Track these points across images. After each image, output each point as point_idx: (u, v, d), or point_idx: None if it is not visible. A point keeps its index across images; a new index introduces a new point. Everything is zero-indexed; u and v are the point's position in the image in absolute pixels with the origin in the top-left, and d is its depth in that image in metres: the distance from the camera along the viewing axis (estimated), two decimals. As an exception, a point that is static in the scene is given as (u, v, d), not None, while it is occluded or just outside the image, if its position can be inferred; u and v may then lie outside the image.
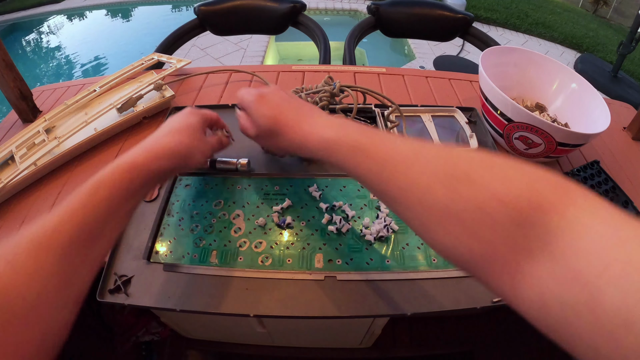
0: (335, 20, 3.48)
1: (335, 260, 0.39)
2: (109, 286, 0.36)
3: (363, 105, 0.55)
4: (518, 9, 3.61)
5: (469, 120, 0.56)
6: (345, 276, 0.37)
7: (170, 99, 0.57)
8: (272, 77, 0.66)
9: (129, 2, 3.87)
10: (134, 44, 3.22)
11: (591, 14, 4.04)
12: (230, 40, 2.82)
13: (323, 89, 0.51)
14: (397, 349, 0.74)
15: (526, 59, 0.59)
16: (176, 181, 0.46)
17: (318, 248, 0.39)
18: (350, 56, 0.97)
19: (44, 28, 3.57)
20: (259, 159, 0.49)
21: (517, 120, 0.47)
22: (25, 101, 0.57)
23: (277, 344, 0.72)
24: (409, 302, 0.36)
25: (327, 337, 0.70)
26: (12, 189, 0.46)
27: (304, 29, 1.07)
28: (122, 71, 0.62)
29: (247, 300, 0.35)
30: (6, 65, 0.53)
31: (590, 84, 0.54)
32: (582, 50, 3.08)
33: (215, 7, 1.05)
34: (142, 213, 0.42)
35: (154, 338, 0.72)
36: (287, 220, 0.41)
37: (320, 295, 0.36)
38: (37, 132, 0.51)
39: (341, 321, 0.57)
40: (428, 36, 1.13)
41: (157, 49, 0.95)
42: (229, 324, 0.62)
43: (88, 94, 0.57)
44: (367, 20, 1.08)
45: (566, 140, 0.45)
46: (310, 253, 0.39)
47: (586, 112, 0.53)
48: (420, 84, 0.67)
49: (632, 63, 2.85)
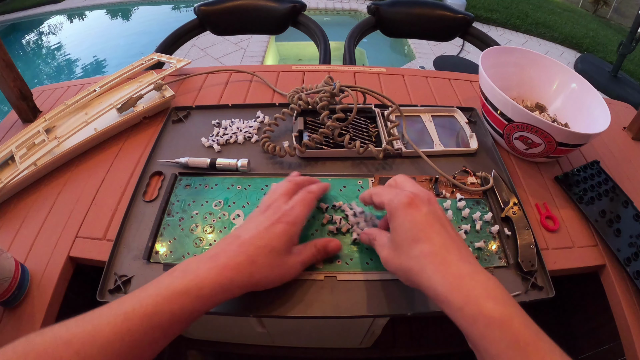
0: (335, 20, 3.48)
1: (335, 260, 0.39)
2: (108, 286, 0.36)
3: (363, 105, 0.55)
4: (518, 9, 3.61)
5: (469, 120, 0.56)
6: (345, 276, 0.37)
7: (170, 99, 0.57)
8: (272, 77, 0.66)
9: (129, 2, 3.87)
10: (134, 44, 3.22)
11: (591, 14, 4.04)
12: (230, 40, 2.82)
13: (323, 89, 0.51)
14: (397, 349, 0.74)
15: (526, 59, 0.59)
16: (176, 181, 0.46)
17: (318, 248, 0.39)
18: (350, 56, 0.97)
19: (44, 28, 3.57)
20: (259, 159, 0.49)
21: (517, 120, 0.47)
22: (25, 101, 0.57)
23: (277, 344, 0.72)
24: (409, 302, 0.36)
25: (327, 337, 0.70)
26: (12, 189, 0.46)
27: (304, 29, 1.07)
28: (122, 71, 0.62)
29: (247, 300, 0.35)
30: (6, 65, 0.53)
31: (590, 84, 0.54)
32: (582, 50, 3.08)
33: (215, 7, 1.05)
34: (142, 213, 0.42)
35: (154, 338, 0.71)
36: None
37: (320, 295, 0.36)
38: (37, 132, 0.51)
39: (341, 321, 0.57)
40: (428, 36, 1.13)
41: (157, 49, 0.95)
42: (229, 324, 0.62)
43: (88, 94, 0.57)
44: (367, 20, 1.08)
45: (566, 140, 0.45)
46: (310, 253, 0.39)
47: (586, 112, 0.53)
48: (420, 84, 0.67)
49: (632, 63, 2.85)
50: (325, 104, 0.49)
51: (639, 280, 0.39)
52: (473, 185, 0.46)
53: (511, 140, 0.50)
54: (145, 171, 0.47)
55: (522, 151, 0.50)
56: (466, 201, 0.45)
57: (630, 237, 0.43)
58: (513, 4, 3.67)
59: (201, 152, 0.50)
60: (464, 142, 0.52)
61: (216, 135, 0.52)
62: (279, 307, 0.35)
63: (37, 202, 0.46)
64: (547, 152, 0.48)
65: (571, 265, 0.42)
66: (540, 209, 0.46)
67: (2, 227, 0.43)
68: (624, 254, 0.42)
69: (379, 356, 0.74)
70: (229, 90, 0.63)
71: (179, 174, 0.47)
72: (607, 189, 0.49)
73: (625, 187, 0.50)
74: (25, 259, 0.40)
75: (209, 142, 0.50)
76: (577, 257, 0.42)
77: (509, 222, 0.43)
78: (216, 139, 0.51)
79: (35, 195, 0.46)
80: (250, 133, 0.52)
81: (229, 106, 0.57)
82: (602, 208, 0.46)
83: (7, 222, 0.44)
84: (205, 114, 0.56)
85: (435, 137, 0.53)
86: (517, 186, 0.49)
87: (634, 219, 0.45)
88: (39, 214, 0.44)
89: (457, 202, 0.44)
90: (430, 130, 0.54)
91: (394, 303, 0.36)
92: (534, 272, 0.38)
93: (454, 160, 0.50)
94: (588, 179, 0.50)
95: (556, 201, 0.48)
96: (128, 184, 0.47)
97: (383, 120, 0.53)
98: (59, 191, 0.47)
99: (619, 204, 0.47)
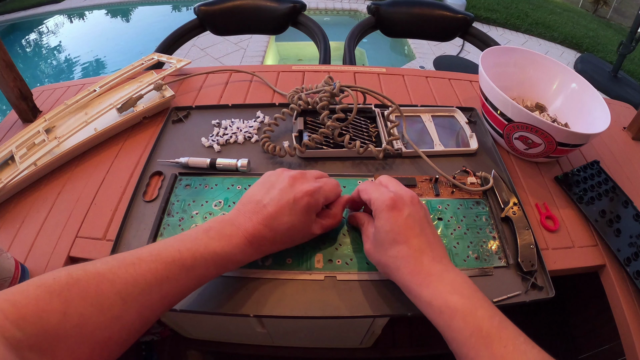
0: (335, 20, 3.48)
1: (335, 260, 0.39)
2: (109, 286, 0.36)
3: (363, 105, 0.55)
4: (518, 9, 3.60)
5: (469, 120, 0.56)
6: (345, 276, 0.37)
7: (170, 99, 0.57)
8: (272, 77, 0.66)
9: (129, 2, 3.87)
10: (134, 44, 3.22)
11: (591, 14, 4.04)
12: (230, 40, 2.82)
13: (323, 89, 0.51)
14: (397, 349, 0.74)
15: (526, 59, 0.59)
16: (176, 181, 0.46)
17: (318, 248, 0.39)
18: (350, 56, 0.97)
19: (44, 28, 3.56)
20: (259, 159, 0.49)
21: (517, 120, 0.47)
22: (25, 101, 0.57)
23: (277, 344, 0.72)
24: (409, 302, 0.36)
25: (327, 337, 0.70)
26: (12, 189, 0.46)
27: (304, 29, 1.07)
28: (122, 71, 0.62)
29: (247, 300, 0.35)
30: (6, 65, 0.53)
31: (590, 84, 0.54)
32: (582, 50, 3.08)
33: (215, 7, 1.05)
34: (142, 213, 0.42)
35: (154, 338, 0.72)
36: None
37: (320, 295, 0.36)
38: (37, 132, 0.51)
39: (341, 321, 0.57)
40: (428, 36, 1.13)
41: (157, 49, 0.95)
42: (229, 324, 0.62)
43: (88, 94, 0.57)
44: (367, 20, 1.08)
45: (566, 140, 0.45)
46: (310, 253, 0.39)
47: (586, 112, 0.53)
48: (420, 84, 0.67)
49: (632, 63, 2.85)
50: (325, 104, 0.49)
51: (639, 280, 0.39)
52: (473, 185, 0.46)
53: (511, 140, 0.50)
54: (145, 171, 0.47)
55: (522, 151, 0.50)
56: (466, 201, 0.45)
57: (630, 237, 0.43)
58: (513, 4, 3.67)
59: (201, 152, 0.50)
60: (464, 142, 0.52)
61: (216, 135, 0.52)
62: (279, 307, 0.35)
63: (37, 202, 0.46)
64: (547, 152, 0.48)
65: (571, 265, 0.42)
66: (540, 209, 0.46)
67: (2, 227, 0.43)
68: (624, 254, 0.42)
69: (379, 356, 0.74)
70: (229, 90, 0.63)
71: (179, 174, 0.46)
72: (607, 189, 0.49)
73: (625, 187, 0.50)
74: (25, 259, 0.40)
75: (209, 142, 0.50)
76: (577, 257, 0.42)
77: (509, 222, 0.43)
78: (216, 139, 0.51)
79: (35, 195, 0.46)
80: (250, 133, 0.52)
81: (229, 106, 0.57)
82: (602, 208, 0.46)
83: (7, 222, 0.44)
84: (205, 114, 0.56)
85: (435, 137, 0.53)
86: (517, 186, 0.49)
87: (634, 219, 0.45)
88: (39, 214, 0.44)
89: (457, 203, 0.44)
90: (430, 130, 0.54)
91: (394, 303, 0.36)
92: (534, 272, 0.38)
93: (454, 160, 0.50)
94: (588, 179, 0.50)
95: (556, 201, 0.48)
96: (128, 184, 0.47)
97: (383, 120, 0.53)
98: (59, 191, 0.47)
99: (619, 204, 0.47)
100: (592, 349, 0.51)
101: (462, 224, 0.42)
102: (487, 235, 0.42)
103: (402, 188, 0.35)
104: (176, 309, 0.35)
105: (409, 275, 0.31)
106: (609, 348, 0.47)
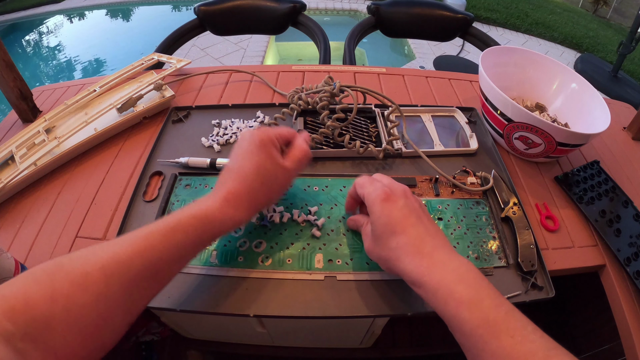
0: (335, 20, 3.48)
1: (335, 260, 0.39)
2: (109, 286, 0.36)
3: (363, 105, 0.55)
4: (518, 9, 3.60)
5: (469, 120, 0.56)
6: (345, 276, 0.37)
7: (170, 99, 0.57)
8: (272, 77, 0.66)
9: (129, 2, 3.87)
10: (134, 44, 3.22)
11: (591, 14, 4.04)
12: (230, 40, 2.82)
13: (323, 89, 0.51)
14: (397, 349, 0.74)
15: (526, 59, 0.59)
16: (176, 181, 0.46)
17: (318, 248, 0.39)
18: (350, 56, 0.97)
19: (44, 28, 3.56)
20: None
21: (517, 120, 0.47)
22: (25, 101, 0.57)
23: (277, 344, 0.72)
24: (409, 302, 0.36)
25: (327, 337, 0.70)
26: (12, 189, 0.46)
27: (304, 29, 1.07)
28: (122, 71, 0.62)
29: (247, 300, 0.35)
30: (6, 65, 0.53)
31: (590, 84, 0.54)
32: (582, 50, 3.08)
33: (215, 7, 1.05)
34: (142, 213, 0.42)
35: (154, 338, 0.71)
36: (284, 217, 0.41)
37: (320, 295, 0.36)
38: (37, 132, 0.51)
39: (341, 321, 0.57)
40: (428, 36, 1.13)
41: (157, 49, 0.95)
42: (229, 324, 0.62)
43: (88, 94, 0.57)
44: (367, 20, 1.08)
45: (566, 140, 0.45)
46: (310, 253, 0.39)
47: (586, 112, 0.53)
48: (420, 84, 0.67)
49: (632, 63, 2.85)
50: (325, 104, 0.49)
51: (639, 280, 0.39)
52: (473, 185, 0.46)
53: (511, 140, 0.50)
54: (145, 171, 0.47)
55: (522, 151, 0.50)
56: (466, 201, 0.45)
57: (630, 237, 0.43)
58: (513, 4, 3.67)
59: (201, 152, 0.50)
60: (464, 142, 0.52)
61: (216, 135, 0.52)
62: (279, 307, 0.35)
63: (37, 202, 0.46)
64: (547, 152, 0.48)
65: (571, 265, 0.42)
66: (540, 209, 0.46)
67: (2, 227, 0.43)
68: (624, 254, 0.42)
69: (379, 356, 0.74)
70: (229, 90, 0.63)
71: (179, 174, 0.46)
72: (607, 189, 0.49)
73: (625, 187, 0.50)
74: (25, 259, 0.40)
75: (209, 142, 0.50)
76: (577, 257, 0.42)
77: (509, 222, 0.43)
78: (216, 139, 0.51)
79: (35, 195, 0.46)
80: (250, 133, 0.52)
81: (229, 106, 0.57)
82: (602, 208, 0.46)
83: (7, 222, 0.44)
84: (205, 114, 0.56)
85: (435, 137, 0.53)
86: (517, 186, 0.49)
87: (634, 219, 0.45)
88: (39, 214, 0.44)
89: (457, 203, 0.44)
90: (430, 130, 0.54)
91: (394, 303, 0.36)
92: (534, 272, 0.38)
93: (454, 160, 0.50)
94: (588, 179, 0.50)
95: (556, 201, 0.48)
96: (128, 184, 0.47)
97: (383, 120, 0.53)
98: (59, 191, 0.47)
99: (619, 204, 0.47)
100: (592, 349, 0.51)
101: (462, 224, 0.42)
102: (487, 235, 0.42)
103: (395, 183, 0.35)
104: (176, 309, 0.35)
105: (410, 264, 0.30)
106: (609, 348, 0.47)
